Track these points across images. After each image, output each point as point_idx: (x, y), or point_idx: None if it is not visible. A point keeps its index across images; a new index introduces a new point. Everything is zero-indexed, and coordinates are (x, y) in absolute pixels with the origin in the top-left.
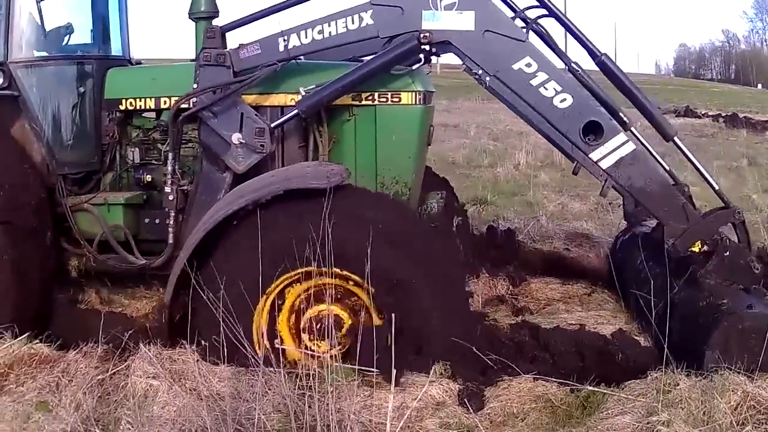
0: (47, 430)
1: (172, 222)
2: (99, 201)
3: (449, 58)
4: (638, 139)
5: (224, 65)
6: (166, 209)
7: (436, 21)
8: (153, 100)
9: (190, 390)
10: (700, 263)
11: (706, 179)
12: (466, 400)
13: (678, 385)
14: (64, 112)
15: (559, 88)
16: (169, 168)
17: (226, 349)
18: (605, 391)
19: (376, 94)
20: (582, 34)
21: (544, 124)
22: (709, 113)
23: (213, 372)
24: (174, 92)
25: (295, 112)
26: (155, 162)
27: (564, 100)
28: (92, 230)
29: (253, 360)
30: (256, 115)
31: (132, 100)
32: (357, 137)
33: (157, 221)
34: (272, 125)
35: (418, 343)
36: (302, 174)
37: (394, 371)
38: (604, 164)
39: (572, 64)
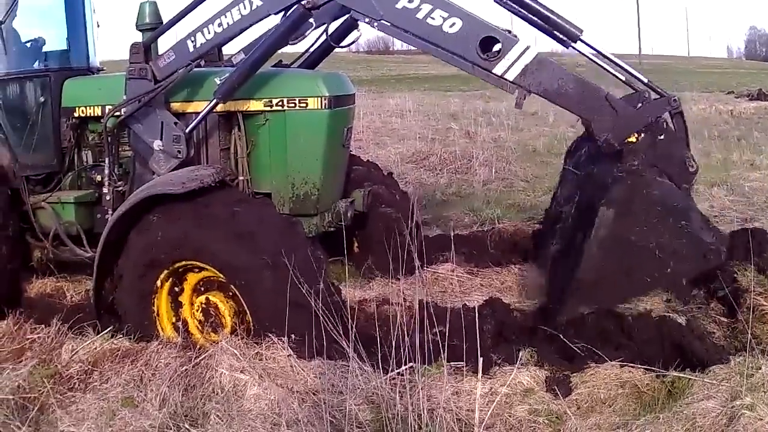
0: (134, 427)
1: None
2: (54, 200)
3: None
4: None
5: (146, 78)
6: (105, 207)
7: None
8: (99, 107)
9: (279, 385)
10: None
11: (627, 71)
12: (554, 386)
13: (761, 368)
14: (26, 120)
15: (446, 15)
16: (106, 170)
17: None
18: (690, 376)
19: (285, 100)
20: None
21: (442, 52)
22: None
23: (305, 366)
24: (115, 101)
25: (214, 101)
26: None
27: (453, 24)
28: (49, 225)
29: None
30: (175, 123)
31: (84, 108)
32: (270, 141)
33: (106, 217)
34: (189, 128)
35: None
36: (166, 181)
37: (480, 359)
38: (510, 76)
39: None
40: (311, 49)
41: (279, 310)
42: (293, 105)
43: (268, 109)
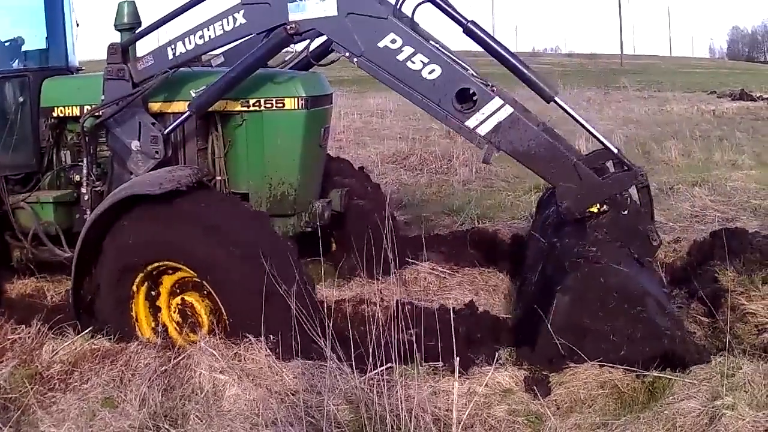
0: (114, 427)
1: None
2: (33, 199)
3: None
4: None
5: (124, 79)
6: (84, 207)
7: (301, 11)
8: (78, 107)
9: (258, 385)
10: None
11: (597, 138)
12: (534, 386)
13: (741, 368)
14: (5, 120)
15: (426, 60)
16: (84, 171)
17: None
18: (670, 376)
19: (263, 100)
20: (446, 3)
21: (417, 96)
22: (764, 96)
23: (284, 366)
24: (93, 101)
25: (188, 113)
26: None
27: (432, 71)
28: (28, 225)
29: (319, 354)
30: (153, 123)
31: (63, 108)
32: (248, 141)
33: (85, 217)
34: (165, 132)
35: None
36: (143, 181)
37: (457, 359)
38: (482, 131)
39: (469, 23)
40: (298, 57)
41: (251, 302)
42: (270, 105)
43: (245, 109)
